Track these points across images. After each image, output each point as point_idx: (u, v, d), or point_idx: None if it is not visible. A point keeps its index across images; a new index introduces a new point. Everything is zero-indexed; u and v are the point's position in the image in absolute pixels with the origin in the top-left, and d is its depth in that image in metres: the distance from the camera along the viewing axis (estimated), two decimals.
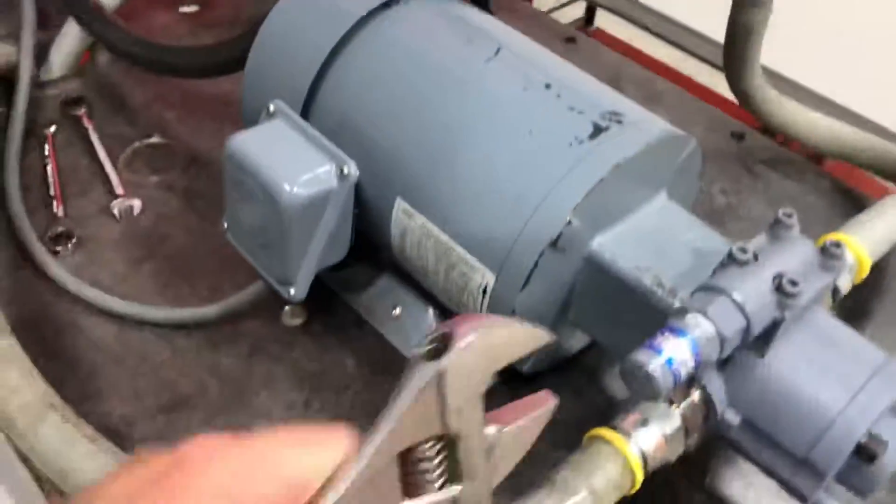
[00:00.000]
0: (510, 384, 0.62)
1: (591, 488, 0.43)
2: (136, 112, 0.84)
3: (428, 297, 0.65)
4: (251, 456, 0.30)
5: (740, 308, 0.43)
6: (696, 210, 0.79)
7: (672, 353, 0.41)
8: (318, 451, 0.31)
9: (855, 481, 0.47)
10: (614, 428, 0.46)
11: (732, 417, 0.48)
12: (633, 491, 0.46)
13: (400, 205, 0.57)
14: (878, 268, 0.74)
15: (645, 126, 0.54)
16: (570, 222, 0.50)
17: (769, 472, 0.49)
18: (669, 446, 0.46)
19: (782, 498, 0.50)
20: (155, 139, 0.80)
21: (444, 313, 0.64)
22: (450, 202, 0.54)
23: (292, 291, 0.58)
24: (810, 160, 0.88)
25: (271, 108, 0.58)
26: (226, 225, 0.61)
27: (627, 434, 0.45)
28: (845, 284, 0.56)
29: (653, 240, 0.54)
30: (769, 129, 0.85)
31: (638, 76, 0.95)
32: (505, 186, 0.52)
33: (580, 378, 0.63)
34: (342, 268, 0.68)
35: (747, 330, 0.44)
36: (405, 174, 0.56)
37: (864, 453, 0.44)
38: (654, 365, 0.41)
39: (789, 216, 0.48)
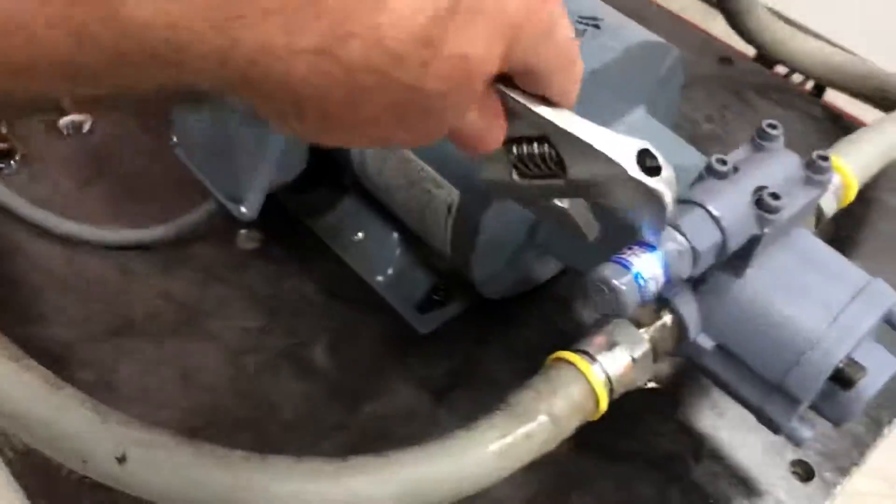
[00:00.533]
0: (479, 312, 0.60)
1: (550, 412, 0.41)
2: None
3: (392, 222, 0.61)
4: None
5: (716, 221, 0.40)
6: (679, 135, 0.76)
7: (641, 268, 0.38)
8: None
9: (830, 410, 0.45)
10: (578, 351, 0.43)
11: (705, 342, 0.45)
12: (597, 416, 0.43)
13: None
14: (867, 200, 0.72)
15: (624, 32, 0.50)
16: None
17: (742, 401, 0.46)
18: (636, 371, 0.43)
19: (755, 430, 0.48)
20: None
21: (409, 239, 0.61)
22: None
23: (243, 209, 0.54)
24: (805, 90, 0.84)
25: None
26: (174, 139, 0.57)
27: (592, 357, 0.42)
28: (830, 207, 0.53)
29: None
30: (763, 56, 0.81)
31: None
32: None
33: (551, 307, 0.60)
34: (303, 190, 0.65)
35: (723, 245, 0.41)
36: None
37: (842, 379, 0.42)
38: (621, 280, 0.38)
39: (774, 127, 0.45)
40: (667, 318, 0.45)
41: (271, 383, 0.55)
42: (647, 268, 0.38)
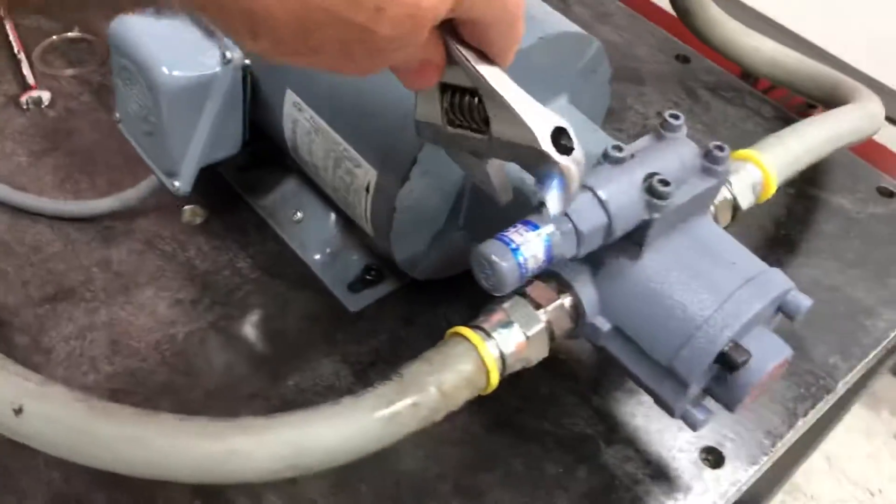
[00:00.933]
0: (409, 293, 0.61)
1: (439, 385, 0.42)
2: (59, 5, 0.81)
3: (332, 203, 0.63)
4: None
5: (602, 205, 0.41)
6: (629, 130, 0.77)
7: (521, 247, 0.40)
8: None
9: (720, 394, 0.46)
10: (475, 327, 0.44)
11: (602, 324, 0.46)
12: (489, 391, 0.44)
13: (290, 97, 0.54)
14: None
15: (541, 21, 0.51)
16: None
17: (638, 383, 0.48)
18: (530, 349, 0.45)
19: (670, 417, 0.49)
20: (74, 34, 0.77)
21: (346, 220, 0.63)
22: (337, 95, 0.52)
23: (177, 184, 0.56)
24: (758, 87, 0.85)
25: None
26: (117, 115, 0.59)
27: (487, 333, 0.44)
28: (746, 200, 0.54)
29: None
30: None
31: None
32: (391, 80, 0.50)
33: (479, 289, 0.62)
34: (248, 169, 0.67)
35: (609, 228, 0.42)
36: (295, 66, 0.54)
37: (726, 362, 0.43)
38: (502, 258, 0.39)
39: (676, 118, 0.46)
40: (565, 300, 0.46)
41: (197, 353, 0.56)
42: (529, 247, 0.40)
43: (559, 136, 0.37)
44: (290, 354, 0.57)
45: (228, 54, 0.52)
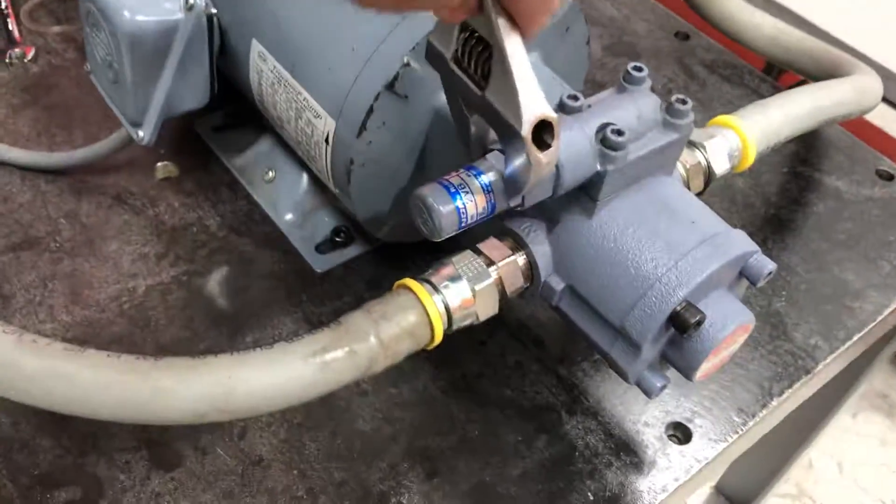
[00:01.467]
0: (377, 256, 0.60)
1: (378, 334, 0.41)
2: None
3: (306, 165, 0.62)
4: None
5: None
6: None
7: (461, 191, 0.38)
8: None
9: (677, 359, 0.44)
10: (422, 279, 0.43)
11: (556, 283, 0.45)
12: (432, 346, 0.43)
13: (255, 47, 0.53)
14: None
15: None
16: (407, 64, 0.46)
17: (593, 346, 0.46)
18: (478, 304, 0.43)
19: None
20: None
21: (318, 181, 0.62)
22: (299, 44, 0.51)
23: (141, 133, 0.55)
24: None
25: None
26: (87, 65, 0.59)
27: (434, 287, 0.42)
28: (721, 167, 0.52)
29: None
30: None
31: None
32: (350, 27, 0.49)
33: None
34: (224, 129, 0.66)
35: (558, 178, 0.40)
36: (261, 15, 0.53)
37: (678, 323, 0.41)
38: (441, 204, 0.38)
39: (639, 70, 0.44)
40: (518, 257, 0.45)
41: (157, 307, 0.56)
42: (469, 192, 0.38)
43: (543, 127, 0.36)
44: (250, 312, 0.56)
45: (191, 0, 0.51)
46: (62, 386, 0.38)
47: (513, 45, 0.35)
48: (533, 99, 0.36)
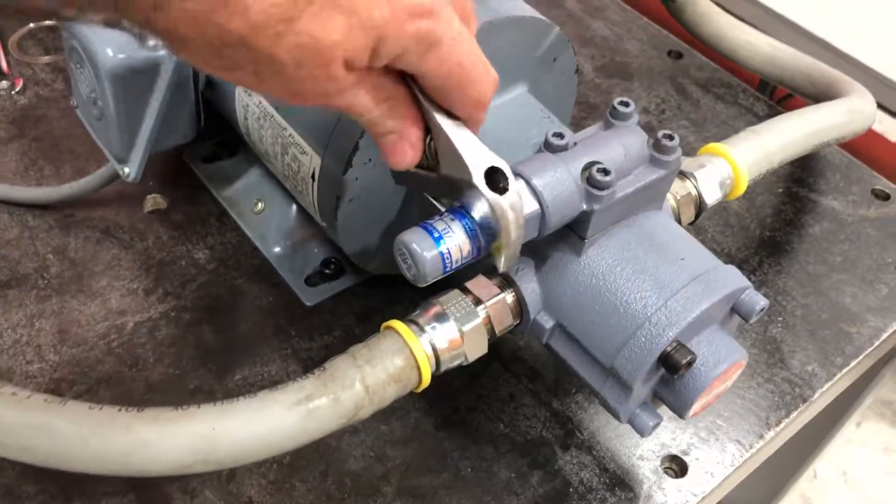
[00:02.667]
0: (368, 289, 0.60)
1: (364, 381, 0.40)
2: None
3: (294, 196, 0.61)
4: None
5: (536, 194, 0.39)
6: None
7: (445, 236, 0.38)
8: None
9: (668, 398, 0.44)
10: (408, 321, 0.42)
11: (545, 321, 0.44)
12: (421, 388, 0.42)
13: None
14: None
15: (494, 5, 0.49)
16: None
17: (585, 385, 0.45)
18: (467, 345, 0.42)
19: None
20: (53, 21, 0.77)
21: (307, 212, 0.61)
22: None
23: (126, 170, 0.55)
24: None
25: None
26: (73, 100, 0.58)
27: (420, 328, 0.42)
28: (713, 196, 0.51)
29: (498, 132, 0.49)
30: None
31: None
32: None
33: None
34: (213, 160, 0.66)
35: (543, 219, 0.40)
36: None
37: (669, 364, 0.40)
38: (424, 249, 0.37)
39: (625, 105, 0.43)
40: (507, 295, 0.44)
41: (145, 344, 0.55)
42: (453, 237, 0.37)
43: (494, 174, 0.38)
44: (239, 348, 0.56)
45: None
46: (42, 440, 0.37)
47: (445, 118, 0.37)
48: (477, 155, 0.38)
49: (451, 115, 0.38)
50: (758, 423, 0.55)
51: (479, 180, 0.37)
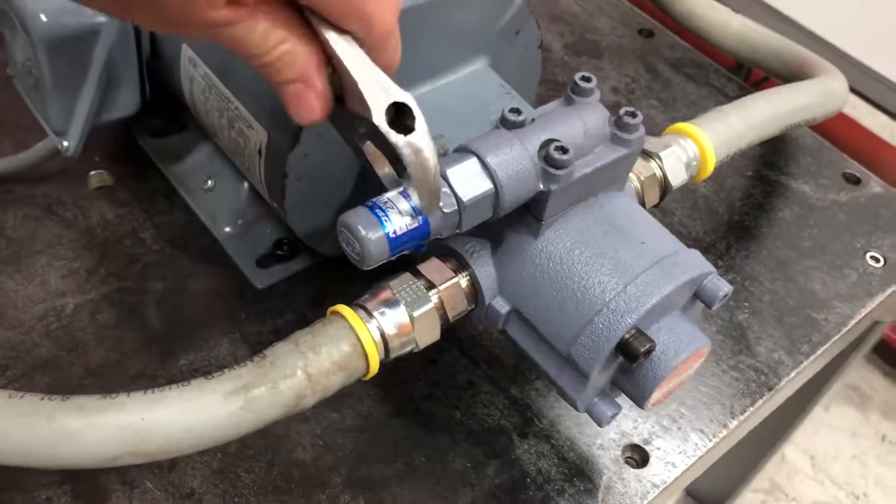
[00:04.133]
0: (322, 271, 0.57)
1: (306, 368, 0.38)
2: None
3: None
4: None
5: (490, 173, 0.37)
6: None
7: (392, 215, 0.35)
8: None
9: (628, 387, 0.42)
10: (357, 305, 0.40)
11: (501, 306, 0.42)
12: (369, 376, 0.40)
13: (186, 51, 0.50)
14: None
15: None
16: None
17: (542, 373, 0.43)
18: (418, 331, 0.40)
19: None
20: None
21: (257, 191, 0.58)
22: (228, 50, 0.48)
23: (66, 143, 0.52)
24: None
25: None
26: (9, 69, 0.55)
27: (369, 313, 0.40)
28: (678, 177, 0.50)
29: (456, 107, 0.47)
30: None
31: None
32: None
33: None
34: (163, 135, 0.63)
35: (497, 199, 0.37)
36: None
37: (627, 352, 0.39)
38: (366, 228, 0.35)
39: (587, 80, 0.41)
40: (461, 279, 0.42)
41: (86, 327, 0.52)
42: (399, 217, 0.35)
43: (400, 113, 0.34)
44: (185, 332, 0.53)
45: None
46: None
47: (345, 49, 0.33)
48: (379, 88, 0.34)
49: (353, 46, 0.34)
50: (721, 412, 0.54)
51: (379, 119, 0.33)
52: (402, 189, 0.36)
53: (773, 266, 0.62)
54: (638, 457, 0.51)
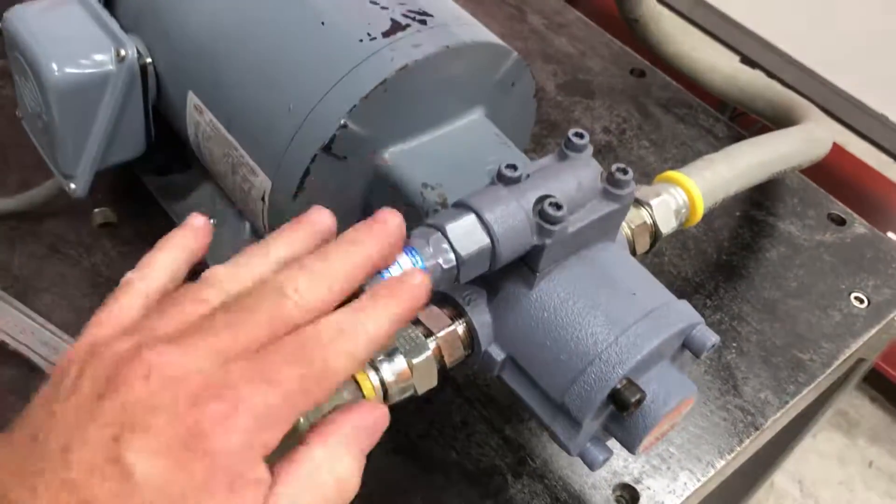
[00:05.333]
0: None
1: (308, 419, 0.39)
2: None
3: None
4: None
5: (487, 228, 0.39)
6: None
7: (392, 271, 0.37)
8: None
9: (619, 433, 0.43)
10: None
11: (496, 353, 0.44)
12: None
13: (192, 99, 0.52)
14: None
15: (452, 30, 0.48)
16: (345, 125, 0.45)
17: (536, 419, 0.45)
18: (416, 378, 0.42)
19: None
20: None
21: (259, 231, 0.60)
22: (235, 99, 0.49)
23: (73, 186, 0.53)
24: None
25: None
26: (19, 111, 0.56)
27: (370, 363, 0.41)
28: (668, 225, 0.51)
29: (454, 158, 0.49)
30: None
31: (546, 5, 0.89)
32: (287, 84, 0.47)
33: None
34: (167, 173, 0.64)
35: (494, 253, 0.39)
36: (197, 66, 0.51)
37: (618, 401, 0.40)
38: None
39: (580, 136, 0.43)
40: (458, 326, 0.43)
41: None
42: (396, 270, 0.37)
43: None
44: None
45: (123, 51, 0.49)
46: None
47: None
48: None
49: None
50: (710, 452, 0.55)
51: None
52: (408, 246, 0.37)
53: (761, 306, 0.64)
54: (629, 496, 0.53)
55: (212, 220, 0.60)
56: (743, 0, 1.14)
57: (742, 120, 0.95)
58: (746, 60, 1.13)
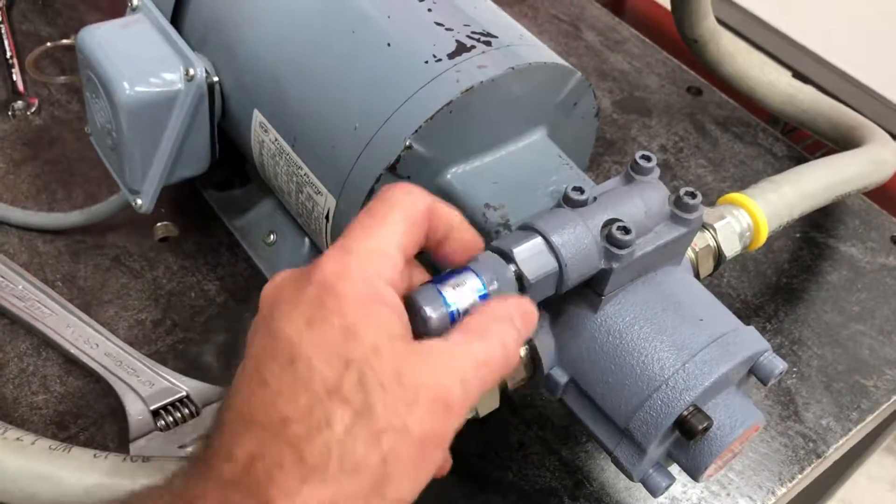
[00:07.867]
0: None
1: None
2: (58, 12, 0.80)
3: None
4: None
5: (554, 252, 0.38)
6: (624, 161, 0.74)
7: (456, 298, 0.36)
8: None
9: (682, 460, 0.43)
10: None
11: (559, 376, 0.43)
12: None
13: (257, 117, 0.52)
14: None
15: (516, 51, 0.48)
16: (410, 146, 0.45)
17: (598, 443, 0.44)
18: (481, 400, 0.42)
19: None
20: (70, 41, 0.77)
21: (318, 247, 0.60)
22: (300, 118, 0.50)
23: (139, 202, 0.54)
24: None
25: (135, 1, 0.54)
26: (88, 127, 0.58)
27: None
28: (732, 248, 0.50)
29: (516, 178, 0.49)
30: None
31: (601, 22, 0.88)
32: (353, 104, 0.48)
33: None
34: (227, 188, 0.65)
35: (561, 277, 0.39)
36: (263, 84, 0.52)
37: (685, 429, 0.39)
38: (432, 308, 0.36)
39: (647, 160, 0.43)
40: (521, 348, 0.43)
41: None
42: (461, 294, 0.36)
43: None
44: None
45: (192, 71, 0.50)
46: (47, 487, 0.37)
47: None
48: None
49: None
50: (770, 479, 0.54)
51: None
52: (471, 268, 0.37)
53: (821, 330, 0.63)
54: None
55: (272, 236, 0.61)
56: (797, 16, 1.13)
57: (794, 136, 0.94)
58: (800, 76, 1.12)
